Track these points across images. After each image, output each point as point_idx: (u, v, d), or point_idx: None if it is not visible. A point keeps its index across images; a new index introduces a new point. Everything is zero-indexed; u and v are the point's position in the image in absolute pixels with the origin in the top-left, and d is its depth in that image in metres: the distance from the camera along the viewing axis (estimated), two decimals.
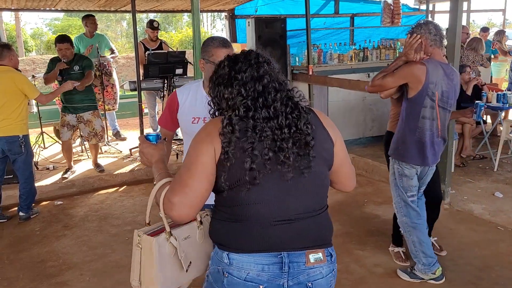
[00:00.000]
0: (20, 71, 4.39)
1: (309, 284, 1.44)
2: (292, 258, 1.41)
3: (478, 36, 7.26)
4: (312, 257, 1.43)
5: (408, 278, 3.06)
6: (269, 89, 1.44)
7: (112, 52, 6.68)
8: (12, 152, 4.09)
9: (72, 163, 5.36)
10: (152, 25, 6.43)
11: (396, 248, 3.33)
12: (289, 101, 1.46)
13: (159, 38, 6.67)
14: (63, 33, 5.35)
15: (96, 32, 6.48)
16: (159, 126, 2.33)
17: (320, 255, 1.45)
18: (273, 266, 1.40)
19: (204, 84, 2.14)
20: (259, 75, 1.46)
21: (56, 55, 5.07)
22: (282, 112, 1.42)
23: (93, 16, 6.44)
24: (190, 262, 1.57)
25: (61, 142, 5.39)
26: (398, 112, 3.03)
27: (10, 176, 4.69)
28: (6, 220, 4.26)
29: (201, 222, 1.63)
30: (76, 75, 4.97)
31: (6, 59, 4.09)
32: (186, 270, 1.55)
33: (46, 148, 6.16)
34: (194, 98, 2.14)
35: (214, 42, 2.08)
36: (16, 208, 4.33)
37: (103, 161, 5.67)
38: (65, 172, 5.21)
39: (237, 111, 1.41)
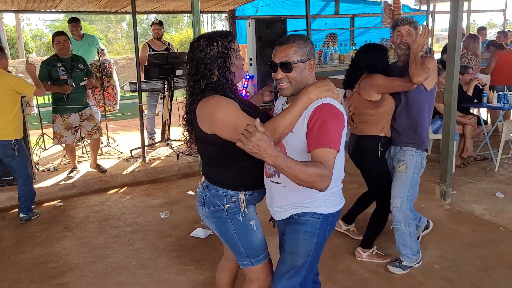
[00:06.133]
0: (10, 72, 4.34)
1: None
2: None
3: (474, 33, 6.89)
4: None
5: (402, 271, 3.13)
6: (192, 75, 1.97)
7: (103, 51, 6.69)
8: (5, 155, 4.09)
9: (76, 162, 5.43)
10: (153, 22, 6.54)
11: (372, 250, 3.31)
12: (193, 88, 1.96)
13: (165, 40, 6.70)
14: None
15: (85, 33, 6.49)
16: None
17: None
18: None
19: None
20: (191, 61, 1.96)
21: (49, 57, 5.16)
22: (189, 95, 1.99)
23: (78, 19, 6.43)
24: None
25: (63, 146, 5.45)
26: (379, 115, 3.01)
27: (10, 178, 4.69)
28: None
29: None
30: (82, 73, 5.14)
31: None
32: None
33: (46, 149, 6.16)
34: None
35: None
36: (16, 210, 4.33)
37: (103, 162, 5.67)
38: (71, 172, 5.28)
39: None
